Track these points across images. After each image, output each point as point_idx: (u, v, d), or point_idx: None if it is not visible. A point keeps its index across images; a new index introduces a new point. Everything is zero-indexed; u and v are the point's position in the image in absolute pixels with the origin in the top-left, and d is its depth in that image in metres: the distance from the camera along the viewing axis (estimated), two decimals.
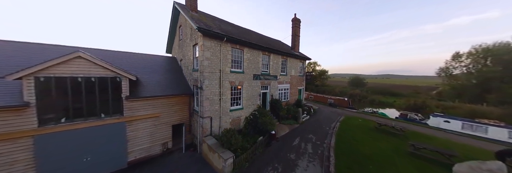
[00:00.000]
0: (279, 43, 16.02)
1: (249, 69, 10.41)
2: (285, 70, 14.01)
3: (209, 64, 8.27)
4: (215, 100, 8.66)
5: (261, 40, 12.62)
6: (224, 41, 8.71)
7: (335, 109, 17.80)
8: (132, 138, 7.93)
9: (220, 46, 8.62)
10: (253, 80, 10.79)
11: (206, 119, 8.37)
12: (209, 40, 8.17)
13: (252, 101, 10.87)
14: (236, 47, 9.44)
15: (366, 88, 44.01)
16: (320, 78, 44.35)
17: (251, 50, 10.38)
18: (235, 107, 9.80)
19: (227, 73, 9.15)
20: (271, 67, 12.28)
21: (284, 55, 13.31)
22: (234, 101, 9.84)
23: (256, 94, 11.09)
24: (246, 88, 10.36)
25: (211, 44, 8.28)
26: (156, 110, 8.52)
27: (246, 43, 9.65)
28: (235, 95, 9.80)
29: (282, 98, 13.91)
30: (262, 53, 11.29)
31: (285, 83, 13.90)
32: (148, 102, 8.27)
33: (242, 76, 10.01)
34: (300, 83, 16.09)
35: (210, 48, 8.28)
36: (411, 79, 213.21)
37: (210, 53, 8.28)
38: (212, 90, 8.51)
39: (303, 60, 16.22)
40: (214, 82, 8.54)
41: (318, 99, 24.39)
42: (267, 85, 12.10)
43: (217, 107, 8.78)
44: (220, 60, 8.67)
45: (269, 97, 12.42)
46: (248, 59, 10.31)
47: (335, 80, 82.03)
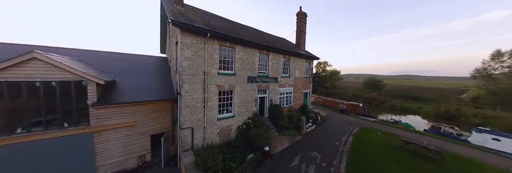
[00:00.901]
0: (282, 41, 14.18)
1: (242, 70, 8.82)
2: (288, 71, 12.15)
3: (189, 65, 6.85)
4: (198, 107, 7.22)
5: (260, 37, 10.95)
6: (209, 38, 7.25)
7: (348, 117, 14.86)
8: (102, 150, 6.83)
9: (204, 43, 7.16)
10: (248, 83, 9.18)
11: (186, 131, 6.98)
12: (189, 36, 6.76)
13: (246, 108, 9.26)
14: (225, 45, 7.92)
15: (384, 91, 37.77)
16: (331, 79, 40.95)
17: (244, 48, 8.78)
18: (224, 115, 8.28)
19: (214, 76, 7.66)
20: (271, 68, 10.54)
21: (287, 54, 11.47)
22: (224, 108, 8.32)
23: (251, 99, 9.47)
24: (239, 93, 8.79)
25: (192, 41, 6.85)
26: (131, 118, 7.35)
27: (238, 40, 8.07)
28: (224, 101, 8.28)
29: (284, 103, 12.08)
30: (259, 52, 9.62)
31: (287, 86, 12.05)
32: (120, 109, 7.12)
33: (234, 78, 8.45)
34: (306, 85, 14.08)
35: (191, 46, 6.86)
36: (434, 80, 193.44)
37: (191, 51, 6.86)
38: (194, 96, 7.08)
39: (310, 60, 14.18)
40: (196, 86, 7.11)
41: (327, 104, 21.17)
42: (265, 88, 10.40)
43: (201, 116, 7.34)
44: (204, 60, 7.21)
45: (268, 102, 10.70)
46: (241, 58, 8.72)
47: (348, 81, 76.50)
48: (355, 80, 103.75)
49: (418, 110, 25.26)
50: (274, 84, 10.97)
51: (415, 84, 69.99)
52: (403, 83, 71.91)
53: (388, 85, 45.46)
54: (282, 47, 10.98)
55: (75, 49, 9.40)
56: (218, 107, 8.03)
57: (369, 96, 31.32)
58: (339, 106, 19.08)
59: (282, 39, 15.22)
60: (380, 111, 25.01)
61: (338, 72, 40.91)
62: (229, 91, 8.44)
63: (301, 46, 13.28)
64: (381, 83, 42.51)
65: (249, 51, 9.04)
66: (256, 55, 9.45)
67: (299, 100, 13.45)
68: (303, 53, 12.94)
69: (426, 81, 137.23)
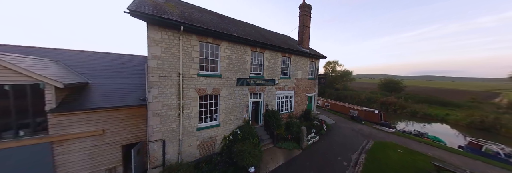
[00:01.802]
0: (283, 38, 12.52)
1: (230, 71, 7.42)
2: (288, 72, 10.48)
3: (159, 65, 5.63)
4: (171, 116, 5.97)
5: (256, 33, 9.46)
6: (185, 32, 5.99)
7: (360, 126, 12.08)
8: (63, 163, 5.89)
9: (179, 39, 5.89)
10: (237, 86, 7.75)
11: (155, 144, 5.76)
12: (158, 30, 5.53)
13: (236, 115, 7.84)
14: (207, 41, 6.58)
15: (404, 94, 32.19)
16: (342, 80, 37.60)
17: (233, 45, 7.37)
18: (206, 124, 6.95)
19: (192, 78, 6.36)
20: (266, 68, 9.00)
21: (286, 52, 9.83)
22: (206, 116, 6.99)
23: (241, 105, 8.03)
24: (226, 97, 7.40)
25: (162, 36, 5.62)
26: (98, 126, 6.34)
27: (223, 35, 6.69)
28: (207, 107, 6.95)
29: (283, 108, 10.43)
30: (252, 50, 8.14)
31: (287, 88, 10.39)
32: (86, 116, 6.13)
33: (219, 81, 7.09)
34: (310, 88, 12.25)
35: (161, 42, 5.63)
36: (459, 81, 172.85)
37: (161, 49, 5.63)
38: (166, 102, 5.84)
39: (315, 59, 12.32)
40: (168, 90, 5.87)
41: (336, 109, 18.20)
42: (259, 92, 8.88)
43: (175, 126, 6.08)
44: (179, 59, 5.95)
45: (263, 108, 9.16)
46: (229, 57, 7.32)
47: (361, 82, 70.93)
48: (369, 81, 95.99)
49: (445, 117, 20.64)
50: (271, 87, 9.40)
51: (438, 85, 62.22)
52: (424, 85, 64.33)
53: (407, 87, 40.27)
54: (280, 44, 9.37)
55: (57, 49, 8.78)
56: (199, 114, 6.72)
57: (386, 100, 26.89)
58: (350, 112, 16.27)
59: (284, 36, 13.55)
60: (399, 118, 21.30)
61: (349, 73, 37.37)
62: (213, 96, 7.09)
63: (305, 44, 11.52)
64: (399, 85, 36.62)
65: (238, 48, 7.61)
66: (247, 53, 7.99)
67: (301, 105, 11.68)
68: (306, 51, 11.17)
69: (450, 82, 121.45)
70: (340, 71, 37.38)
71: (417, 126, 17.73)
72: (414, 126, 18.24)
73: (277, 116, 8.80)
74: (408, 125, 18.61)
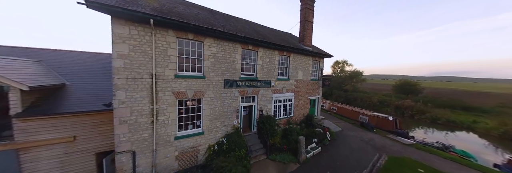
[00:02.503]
0: (282, 35, 11.34)
1: (216, 71, 6.47)
2: (287, 73, 9.30)
3: (127, 65, 4.81)
4: (142, 123, 5.14)
5: (250, 30, 8.43)
6: (159, 27, 5.15)
7: (370, 135, 10.23)
8: (32, 171, 5.38)
9: (152, 35, 5.03)
10: (225, 88, 6.78)
11: (124, 155, 4.96)
12: (125, 25, 4.72)
13: (223, 121, 6.88)
14: (187, 38, 5.67)
15: (422, 97, 28.32)
16: (351, 81, 35.09)
17: (219, 42, 6.41)
18: (187, 132, 6.06)
19: (169, 79, 5.49)
20: (260, 68, 7.93)
21: (284, 50, 8.67)
22: (187, 123, 6.10)
23: (231, 110, 7.05)
24: (211, 102, 6.46)
25: (131, 31, 4.80)
26: (68, 132, 5.71)
27: (206, 31, 5.75)
28: (188, 112, 6.05)
29: (281, 113, 9.28)
30: (243, 47, 7.12)
31: (285, 91, 9.22)
32: (55, 121, 5.52)
33: (202, 82, 6.16)
34: (313, 90, 10.94)
35: (129, 39, 4.81)
36: (482, 82, 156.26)
37: (129, 46, 4.81)
38: (136, 108, 5.02)
39: (319, 58, 10.98)
40: (139, 94, 5.04)
41: (344, 113, 16.26)
42: (252, 95, 7.84)
43: (148, 135, 5.25)
44: (152, 58, 5.10)
45: (257, 113, 8.10)
46: (214, 56, 6.36)
47: (373, 83, 66.41)
48: (382, 82, 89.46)
49: (473, 125, 17.61)
50: (266, 89, 8.31)
51: (458, 87, 56.20)
52: (443, 86, 58.42)
53: (425, 89, 36.23)
54: (277, 41, 8.24)
55: (43, 49, 8.42)
56: (178, 121, 5.84)
57: (402, 103, 23.71)
58: (360, 117, 14.17)
59: (284, 34, 12.36)
60: (416, 125, 18.66)
61: (360, 73, 34.74)
62: (195, 100, 6.17)
63: (307, 41, 10.25)
64: (417, 87, 32.30)
65: (226, 46, 6.63)
66: (237, 51, 6.98)
67: (302, 109, 10.43)
68: (308, 50, 9.90)
69: (471, 84, 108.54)
70: (350, 71, 34.95)
71: (439, 135, 15.42)
72: (434, 133, 15.99)
73: (272, 123, 7.69)
74: (427, 132, 16.35)
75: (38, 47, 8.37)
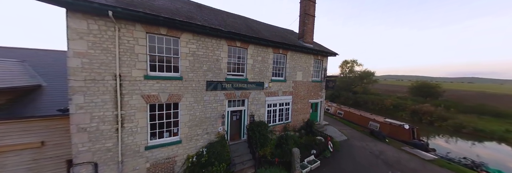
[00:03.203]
0: (282, 32, 10.33)
1: (196, 72, 5.71)
2: (283, 73, 8.30)
3: (86, 64, 4.22)
4: (105, 131, 4.52)
5: (240, 24, 7.58)
6: (122, 21, 4.50)
7: (382, 146, 8.65)
8: None
9: (116, 30, 4.39)
10: (208, 91, 6.00)
11: (83, 167, 4.36)
12: (83, 18, 4.13)
13: (205, 128, 6.09)
14: (158, 33, 4.97)
15: (443, 101, 24.84)
16: (361, 82, 32.63)
17: (199, 38, 5.65)
18: (162, 141, 5.36)
19: (137, 81, 4.82)
20: (251, 68, 7.04)
21: (280, 47, 7.69)
22: (162, 130, 5.39)
23: (215, 115, 6.25)
24: (190, 106, 5.71)
25: (89, 26, 4.20)
26: (37, 137, 5.27)
27: (180, 25, 5.02)
28: (162, 119, 5.34)
29: (276, 119, 8.29)
30: (229, 44, 6.29)
31: (281, 94, 8.22)
32: (22, 125, 5.10)
33: (179, 84, 5.43)
34: (314, 93, 9.79)
35: (88, 34, 4.20)
36: (509, 84, 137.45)
37: (88, 43, 4.21)
38: (96, 114, 4.40)
39: (322, 57, 9.80)
40: (100, 98, 4.42)
41: (351, 119, 14.44)
42: (242, 98, 6.97)
43: (112, 144, 4.61)
44: (115, 56, 4.45)
45: (247, 118, 7.22)
46: (194, 54, 5.61)
47: (386, 84, 61.55)
48: (397, 83, 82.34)
49: (505, 135, 14.81)
50: (258, 92, 7.40)
51: (483, 89, 49.48)
52: (465, 88, 51.66)
53: (446, 92, 31.34)
54: (271, 38, 7.30)
55: (28, 49, 8.29)
56: (150, 128, 5.15)
57: (420, 108, 20.77)
58: (369, 124, 12.40)
59: (284, 30, 11.34)
60: (436, 133, 16.20)
61: (371, 74, 32.16)
62: (171, 104, 5.45)
63: (308, 37, 9.15)
64: (437, 89, 28.16)
65: (208, 42, 5.85)
66: (222, 48, 6.17)
67: (302, 114, 9.33)
68: (309, 47, 8.81)
69: (497, 85, 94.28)
70: (359, 72, 32.52)
71: (464, 146, 13.12)
72: (458, 143, 13.73)
73: (263, 130, 6.75)
74: (449, 142, 14.11)
75: (24, 47, 8.25)
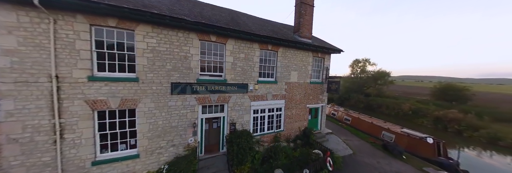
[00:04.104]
0: (276, 26, 9.15)
1: (157, 71, 4.89)
2: (274, 73, 7.16)
3: (15, 64, 3.62)
4: (41, 142, 3.89)
5: (224, 17, 6.65)
6: (58, 12, 3.84)
7: (398, 165, 7.02)
8: None
9: (51, 23, 3.73)
10: (173, 94, 5.15)
11: None
12: (11, 10, 3.57)
13: (171, 139, 5.25)
14: (106, 25, 4.23)
15: (473, 107, 21.01)
16: (375, 83, 29.40)
17: (160, 30, 4.82)
18: (114, 155, 4.62)
19: (80, 83, 4.12)
20: (231, 67, 6.04)
21: (269, 42, 6.56)
22: (115, 141, 4.64)
23: (183, 124, 5.38)
24: (149, 113, 4.90)
25: (19, 18, 3.60)
26: None
27: (129, 14, 4.20)
28: (115, 128, 4.58)
29: (265, 127, 7.17)
30: (201, 39, 5.38)
31: (271, 98, 7.07)
32: None
33: (134, 87, 4.65)
34: (314, 96, 8.43)
35: (18, 28, 3.61)
36: None
37: (19, 39, 3.61)
38: (30, 122, 3.80)
39: (323, 54, 8.39)
40: (34, 103, 3.79)
41: (360, 126, 12.19)
42: (220, 103, 6.01)
43: (49, 158, 3.98)
44: (51, 53, 3.79)
45: (227, 127, 6.22)
46: (153, 50, 4.79)
47: (405, 85, 55.42)
48: (416, 84, 73.43)
49: None
50: (241, 96, 6.36)
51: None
52: (495, 91, 43.53)
53: (476, 94, 25.11)
54: (257, 31, 6.22)
55: None
56: (99, 140, 4.43)
57: (445, 114, 17.47)
58: (382, 134, 10.29)
59: (280, 25, 10.13)
60: (465, 144, 13.39)
61: (386, 74, 28.68)
62: (125, 111, 4.68)
63: (304, 30, 7.85)
64: (465, 92, 23.81)
65: (172, 36, 4.99)
66: (192, 43, 5.27)
67: (298, 122, 8.05)
68: (306, 42, 7.52)
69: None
70: (373, 72, 29.38)
71: (502, 162, 10.46)
72: (493, 158, 10.97)
73: (243, 143, 5.69)
74: (481, 156, 11.39)
75: None
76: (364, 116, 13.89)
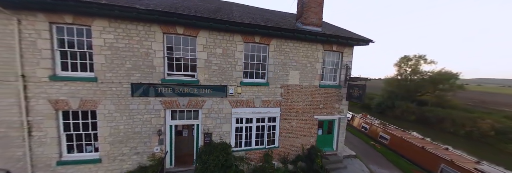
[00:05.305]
0: (278, 15, 7.43)
1: (115, 70, 4.62)
2: (265, 73, 5.68)
3: None
4: (13, 138, 4.29)
5: (211, 8, 5.78)
6: (24, 12, 3.94)
7: None
8: None
9: (17, 23, 3.92)
10: (135, 96, 4.77)
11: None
12: None
13: (134, 146, 4.95)
14: (63, 22, 4.19)
15: None
16: (434, 89, 20.72)
17: (117, 24, 4.49)
18: (78, 156, 4.72)
19: (43, 82, 4.28)
20: (206, 64, 5.13)
21: (255, 33, 5.17)
22: (80, 143, 4.67)
23: (148, 130, 4.98)
24: (110, 116, 4.72)
25: None
26: None
27: (81, 8, 3.94)
28: (79, 129, 4.59)
29: (251, 142, 5.91)
30: (165, 31, 4.72)
31: (260, 104, 5.68)
32: None
33: (93, 87, 4.53)
34: (326, 104, 6.32)
35: None
36: None
37: None
38: (3, 118, 4.20)
39: (340, 46, 6.07)
40: (6, 101, 4.17)
41: (403, 150, 8.69)
42: (192, 108, 5.23)
43: (21, 153, 4.34)
44: (16, 53, 4.01)
45: (201, 138, 5.37)
46: (111, 46, 4.51)
47: (481, 91, 37.89)
48: (501, 90, 47.34)
49: None
50: (219, 100, 5.36)
51: None
52: None
53: None
54: (238, 20, 4.97)
55: None
56: (65, 140, 4.54)
57: None
58: (441, 169, 6.78)
59: (286, 14, 8.26)
60: None
61: (452, 76, 19.80)
62: (87, 112, 4.60)
63: (310, 15, 5.75)
64: None
65: (131, 30, 4.56)
66: (154, 37, 4.70)
67: (301, 137, 6.25)
68: (312, 30, 5.58)
69: None
70: (431, 73, 21.07)
71: None
72: None
73: (212, 161, 4.68)
74: None
75: None
76: (411, 135, 9.82)
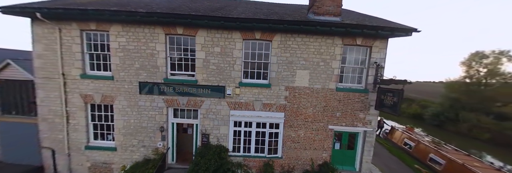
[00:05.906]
0: (288, 9, 6.60)
1: (127, 70, 5.21)
2: (267, 73, 5.14)
3: (42, 64, 5.25)
4: (58, 124, 5.45)
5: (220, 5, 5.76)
6: (61, 22, 4.93)
7: None
8: None
9: (59, 31, 4.95)
10: (142, 94, 5.22)
11: (46, 151, 5.54)
12: (40, 25, 5.04)
13: (142, 139, 5.48)
14: (89, 28, 5.00)
15: None
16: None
17: (129, 28, 5.03)
18: (99, 143, 5.56)
19: (76, 80, 5.27)
20: (204, 64, 5.14)
21: (254, 28, 4.72)
22: (101, 132, 5.52)
23: (152, 126, 5.46)
24: (123, 111, 5.36)
25: (43, 30, 5.09)
26: None
27: (107, 15, 4.57)
28: (101, 120, 5.43)
29: (251, 148, 5.56)
30: (166, 32, 4.96)
31: (261, 107, 5.22)
32: None
33: (110, 85, 5.26)
34: (345, 112, 5.16)
35: (43, 38, 5.21)
36: None
37: (43, 45, 5.21)
38: (52, 107, 5.43)
39: (367, 39, 4.72)
40: (53, 94, 5.37)
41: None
42: (191, 108, 5.33)
43: (62, 136, 5.48)
44: (59, 55, 5.05)
45: (199, 138, 5.40)
46: (124, 48, 5.07)
47: None
48: None
49: None
50: (216, 101, 5.26)
51: None
52: None
53: None
54: (239, 15, 4.67)
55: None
56: (91, 128, 5.47)
57: None
58: None
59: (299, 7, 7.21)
60: None
61: None
62: (108, 106, 5.36)
63: (325, 2, 4.69)
64: None
65: (139, 33, 5.00)
66: (158, 39, 5.02)
67: (311, 150, 5.40)
68: (326, 21, 4.62)
69: None
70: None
71: None
72: None
73: (203, 164, 4.59)
74: None
75: None
76: (481, 163, 6.76)
